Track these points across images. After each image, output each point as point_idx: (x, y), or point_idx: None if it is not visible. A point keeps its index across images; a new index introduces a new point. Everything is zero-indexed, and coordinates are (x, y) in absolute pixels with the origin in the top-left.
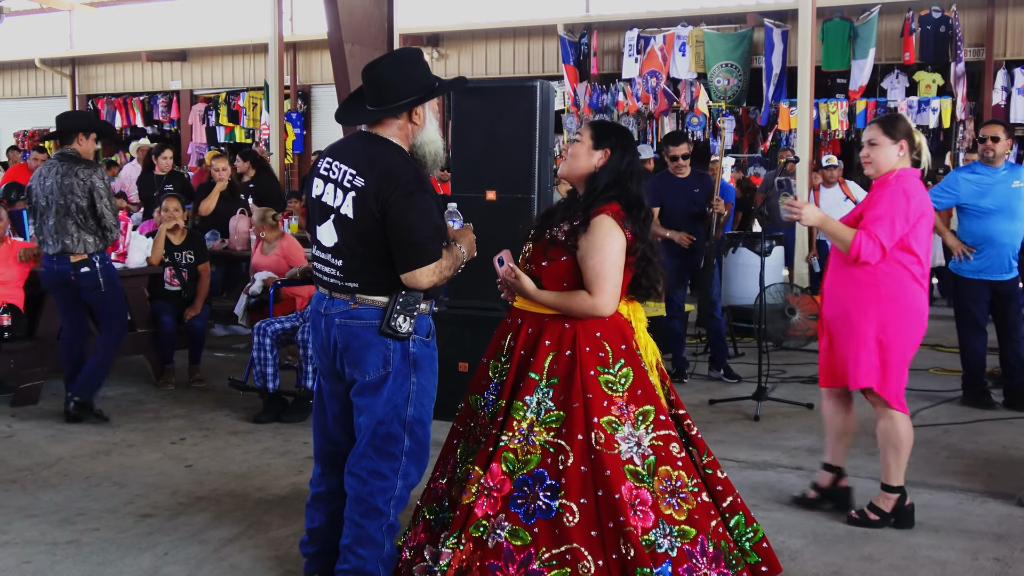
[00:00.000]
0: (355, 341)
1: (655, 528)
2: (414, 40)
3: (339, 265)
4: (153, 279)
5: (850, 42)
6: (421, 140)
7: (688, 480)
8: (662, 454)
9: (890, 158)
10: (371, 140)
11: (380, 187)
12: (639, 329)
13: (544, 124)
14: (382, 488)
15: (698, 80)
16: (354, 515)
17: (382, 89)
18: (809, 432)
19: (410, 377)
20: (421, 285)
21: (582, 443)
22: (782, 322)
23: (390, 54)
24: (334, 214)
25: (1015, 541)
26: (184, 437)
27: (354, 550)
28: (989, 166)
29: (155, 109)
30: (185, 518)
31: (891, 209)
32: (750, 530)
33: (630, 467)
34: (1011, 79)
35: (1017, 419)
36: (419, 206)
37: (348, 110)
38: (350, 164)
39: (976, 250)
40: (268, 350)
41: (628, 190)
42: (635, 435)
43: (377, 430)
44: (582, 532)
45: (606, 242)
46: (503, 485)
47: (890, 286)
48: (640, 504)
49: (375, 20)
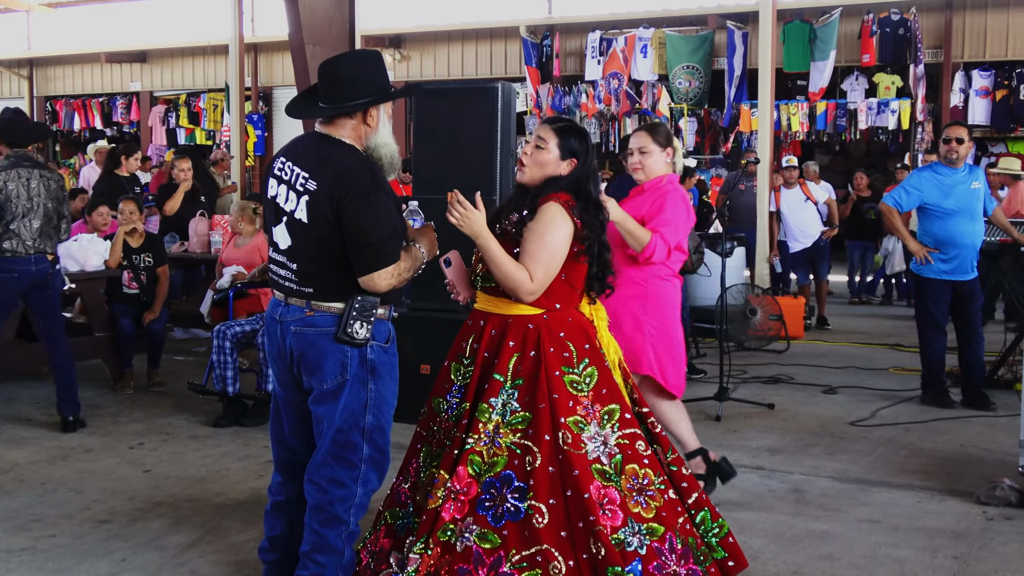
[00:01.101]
0: (311, 349)
1: (624, 527)
2: (376, 41)
3: (294, 269)
4: (111, 282)
5: (810, 44)
6: (375, 143)
7: (655, 477)
8: (628, 452)
9: (660, 164)
10: (323, 141)
11: (334, 189)
12: (601, 328)
13: (506, 126)
14: (342, 496)
15: (660, 82)
16: (314, 523)
17: (338, 87)
18: (770, 432)
19: (368, 384)
20: (379, 288)
21: (549, 444)
22: (743, 322)
23: (349, 53)
24: (287, 217)
25: (973, 539)
26: (142, 442)
27: (313, 557)
28: (951, 167)
29: (114, 111)
30: (143, 524)
31: (675, 214)
32: (715, 526)
33: (597, 466)
34: (969, 81)
35: (975, 418)
36: (375, 207)
37: (301, 105)
38: (302, 166)
39: (938, 252)
40: (228, 353)
41: (588, 193)
42: (601, 434)
43: (336, 438)
44: (552, 533)
45: (549, 229)
46: (470, 488)
47: (656, 283)
48: (609, 503)
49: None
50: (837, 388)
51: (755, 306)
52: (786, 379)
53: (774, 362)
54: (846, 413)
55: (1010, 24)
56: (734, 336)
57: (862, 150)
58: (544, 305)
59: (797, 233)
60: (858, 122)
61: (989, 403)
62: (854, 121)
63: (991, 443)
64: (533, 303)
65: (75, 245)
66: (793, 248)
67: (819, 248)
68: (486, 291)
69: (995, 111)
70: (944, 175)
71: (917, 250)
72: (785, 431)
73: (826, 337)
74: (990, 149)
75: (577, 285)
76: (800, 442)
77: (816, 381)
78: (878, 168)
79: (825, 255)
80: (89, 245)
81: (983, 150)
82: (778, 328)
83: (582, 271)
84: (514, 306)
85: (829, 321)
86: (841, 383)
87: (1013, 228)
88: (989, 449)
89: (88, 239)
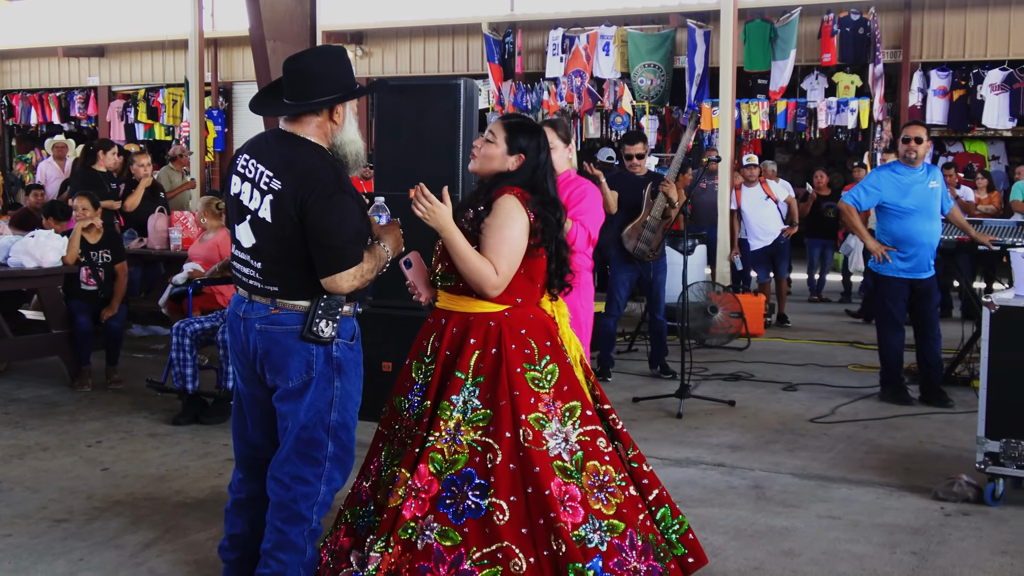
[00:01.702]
0: (276, 347)
1: (585, 523)
2: (337, 37)
3: (258, 267)
4: (69, 279)
5: (771, 43)
6: (341, 140)
7: (616, 474)
8: (589, 449)
9: (563, 160)
10: (288, 139)
11: (298, 189)
12: (563, 325)
13: (468, 122)
14: (305, 493)
15: (622, 80)
16: (276, 520)
17: (303, 84)
18: (731, 429)
19: (333, 382)
20: (341, 290)
21: (510, 441)
22: (704, 320)
23: (314, 49)
24: (251, 215)
25: (931, 534)
26: (100, 440)
27: (275, 555)
28: (909, 167)
29: (72, 105)
30: (101, 523)
31: (594, 204)
32: (676, 522)
33: (558, 463)
34: (927, 81)
35: (933, 414)
36: (339, 208)
37: (264, 102)
38: (266, 165)
39: (896, 250)
40: (187, 351)
41: (545, 190)
42: (562, 431)
43: (300, 435)
44: (513, 530)
45: (506, 223)
46: (431, 486)
47: (585, 274)
48: (570, 500)
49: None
50: (797, 385)
51: (716, 304)
52: (747, 376)
53: (735, 359)
54: (806, 410)
55: (967, 25)
56: (695, 333)
57: (822, 149)
58: (506, 300)
59: (758, 231)
60: (818, 121)
61: (947, 400)
62: (814, 120)
63: (949, 439)
64: (496, 299)
65: (32, 241)
66: (753, 246)
67: (779, 246)
68: (447, 290)
69: (952, 111)
70: (902, 174)
71: (875, 249)
72: (746, 428)
73: (786, 334)
74: (947, 148)
75: (537, 279)
76: (761, 439)
77: (776, 378)
78: (837, 167)
79: (785, 253)
80: (46, 241)
81: (940, 149)
82: (739, 326)
83: (540, 265)
84: (475, 303)
85: (789, 319)
86: (801, 380)
87: (971, 227)
88: (947, 445)
89: (45, 235)
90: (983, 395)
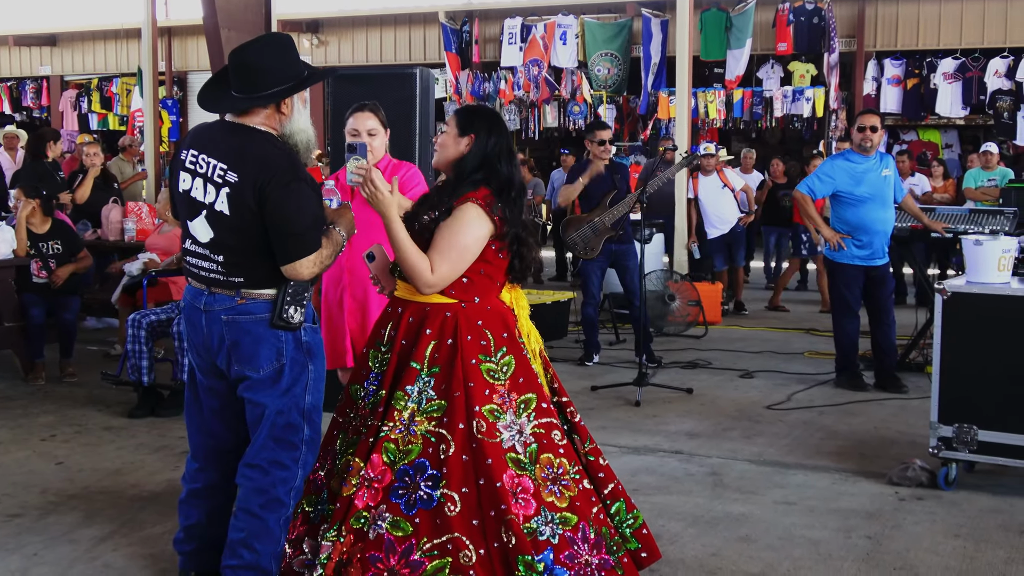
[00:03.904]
0: (246, 337)
1: (537, 516)
2: (293, 26)
3: (220, 260)
4: (21, 271)
5: (727, 32)
6: (291, 129)
7: (570, 467)
8: (544, 442)
9: (383, 145)
10: (238, 131)
11: (256, 179)
12: (522, 317)
13: (424, 111)
14: (284, 478)
15: (579, 69)
16: (253, 507)
17: (251, 76)
18: (689, 416)
19: (307, 365)
20: (302, 276)
21: (464, 432)
22: (662, 308)
23: (260, 38)
24: (206, 210)
25: (886, 518)
26: (55, 434)
27: (250, 544)
28: (863, 155)
29: (24, 95)
30: (56, 517)
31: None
32: (630, 517)
33: (512, 455)
34: (881, 70)
35: (888, 400)
36: (297, 195)
37: (212, 96)
38: (218, 157)
39: (850, 238)
40: (143, 343)
41: (498, 172)
42: (517, 423)
43: (276, 421)
44: (463, 521)
45: (462, 229)
46: (384, 476)
47: None
48: (522, 492)
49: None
50: (754, 372)
51: (673, 292)
52: (704, 364)
53: (692, 347)
54: (763, 397)
55: (921, 14)
56: (653, 322)
57: (777, 137)
58: (461, 298)
59: (715, 220)
60: (774, 110)
61: (901, 386)
62: (770, 109)
63: (903, 425)
64: (453, 295)
65: None
66: (711, 234)
67: (736, 234)
68: (405, 280)
69: (906, 99)
70: (856, 162)
71: (830, 236)
72: (703, 415)
73: (743, 322)
74: (901, 137)
75: (497, 278)
76: (718, 426)
77: (733, 366)
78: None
79: (742, 241)
80: None
81: (895, 138)
82: (696, 314)
83: (503, 266)
84: (433, 294)
85: (746, 306)
86: (758, 367)
87: (923, 214)
88: (901, 431)
89: None
90: (936, 381)
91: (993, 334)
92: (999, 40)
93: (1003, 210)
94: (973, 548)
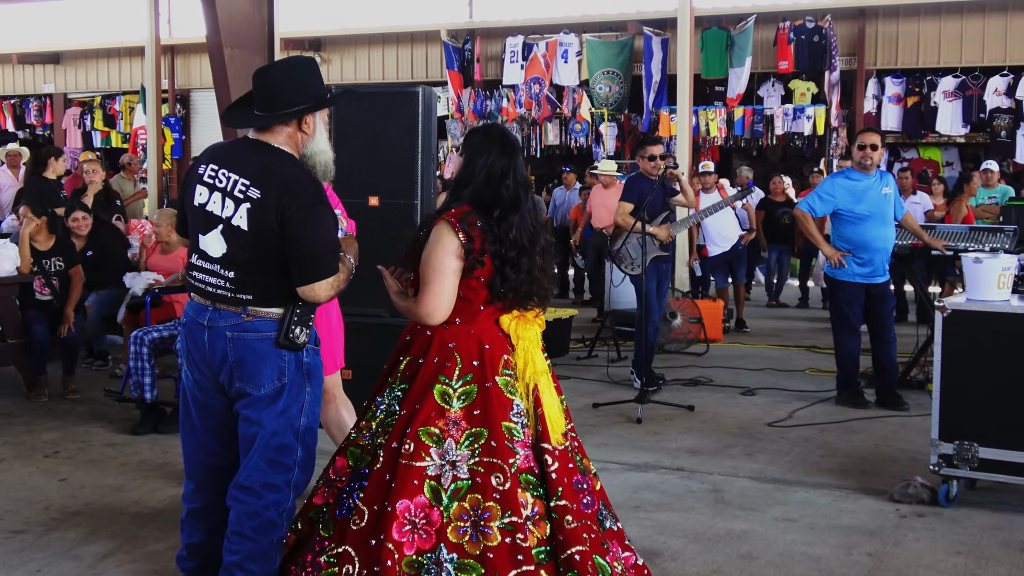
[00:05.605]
0: (250, 354)
1: (430, 552)
2: (295, 44)
3: (230, 276)
4: (24, 288)
5: (727, 51)
6: (312, 150)
7: (502, 517)
8: (478, 480)
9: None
10: (262, 148)
11: (280, 198)
12: (521, 348)
13: (427, 130)
14: (276, 501)
15: (580, 87)
16: (246, 530)
17: (272, 95)
18: (690, 433)
19: (304, 387)
20: (319, 298)
21: (392, 451)
22: (663, 325)
23: (283, 61)
24: (222, 224)
25: (887, 536)
26: (58, 450)
27: (244, 566)
28: (863, 173)
29: (27, 113)
30: (59, 533)
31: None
32: None
33: (433, 483)
34: (881, 87)
35: (889, 418)
36: (320, 219)
37: (236, 113)
38: (241, 173)
39: (851, 255)
40: (145, 359)
41: (480, 190)
42: (455, 454)
43: (270, 442)
44: (362, 538)
45: (433, 249)
46: (345, 478)
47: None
48: (424, 524)
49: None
50: (755, 390)
51: (675, 309)
52: (705, 381)
53: (694, 364)
54: (764, 414)
55: (921, 32)
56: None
57: (778, 155)
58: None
59: (716, 237)
60: (774, 128)
61: (902, 403)
62: (771, 127)
63: (904, 442)
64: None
65: None
66: (712, 252)
67: (737, 252)
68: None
69: (906, 117)
70: (856, 180)
71: (831, 254)
72: (704, 432)
73: (744, 340)
74: (902, 154)
75: (475, 300)
76: (719, 443)
77: (734, 383)
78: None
79: (743, 259)
80: (1, 250)
81: (895, 155)
82: (697, 331)
83: (476, 285)
84: None
85: (747, 324)
86: (759, 385)
87: (924, 232)
88: (902, 448)
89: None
90: (936, 398)
91: (993, 351)
92: (999, 58)
93: (1003, 228)
94: (974, 565)
